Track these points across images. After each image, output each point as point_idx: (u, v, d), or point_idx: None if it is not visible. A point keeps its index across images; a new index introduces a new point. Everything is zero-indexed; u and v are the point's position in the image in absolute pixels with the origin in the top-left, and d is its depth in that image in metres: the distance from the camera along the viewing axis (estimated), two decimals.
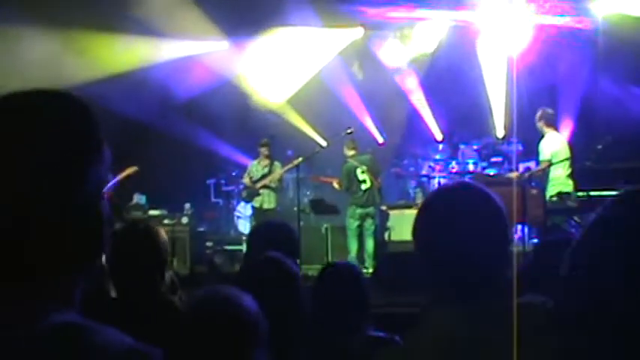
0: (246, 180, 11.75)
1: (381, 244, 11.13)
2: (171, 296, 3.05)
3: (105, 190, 1.16)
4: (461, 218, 1.71)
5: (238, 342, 2.11)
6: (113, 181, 11.15)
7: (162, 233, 3.11)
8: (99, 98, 10.92)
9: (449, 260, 1.70)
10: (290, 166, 11.24)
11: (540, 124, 9.57)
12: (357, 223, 10.78)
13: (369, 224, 10.82)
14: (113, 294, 2.97)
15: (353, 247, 10.75)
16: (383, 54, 14.05)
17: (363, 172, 10.78)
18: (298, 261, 3.81)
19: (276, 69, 13.85)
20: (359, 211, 10.77)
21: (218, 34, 13.07)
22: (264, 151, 11.55)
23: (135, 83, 11.94)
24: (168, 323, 2.32)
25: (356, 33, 13.94)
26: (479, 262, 1.68)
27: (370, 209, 10.84)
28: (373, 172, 10.90)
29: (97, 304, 2.59)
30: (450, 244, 1.69)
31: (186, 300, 2.36)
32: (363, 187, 10.78)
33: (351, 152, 10.99)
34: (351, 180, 10.80)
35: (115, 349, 0.99)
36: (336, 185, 11.25)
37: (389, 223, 11.51)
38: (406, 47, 13.83)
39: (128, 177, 11.35)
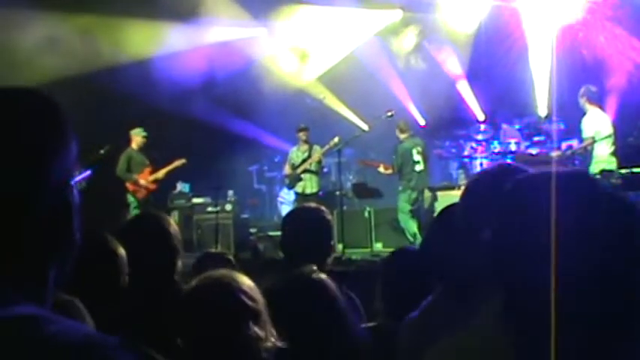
0: (286, 169, 11.75)
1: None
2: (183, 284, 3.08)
3: (75, 180, 1.17)
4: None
5: (230, 319, 2.17)
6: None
7: (173, 222, 3.14)
8: (141, 88, 11.16)
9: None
10: (328, 147, 11.21)
11: (583, 101, 9.42)
12: (410, 207, 10.63)
13: (416, 206, 10.73)
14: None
15: (413, 226, 10.50)
16: (423, 35, 13.96)
17: (418, 153, 10.68)
18: (334, 242, 3.79)
19: (311, 49, 13.88)
20: (414, 195, 10.65)
21: (253, 18, 13.15)
22: (302, 136, 11.52)
23: (172, 71, 12.07)
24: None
25: (394, 15, 13.87)
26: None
27: (421, 192, 10.81)
28: (424, 155, 10.85)
29: (112, 293, 2.68)
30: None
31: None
32: (417, 168, 10.64)
33: (404, 135, 10.87)
34: (406, 161, 10.66)
35: (69, 339, 0.98)
36: (382, 169, 11.09)
37: (437, 205, 11.28)
38: (446, 27, 13.72)
39: (175, 169, 11.45)
